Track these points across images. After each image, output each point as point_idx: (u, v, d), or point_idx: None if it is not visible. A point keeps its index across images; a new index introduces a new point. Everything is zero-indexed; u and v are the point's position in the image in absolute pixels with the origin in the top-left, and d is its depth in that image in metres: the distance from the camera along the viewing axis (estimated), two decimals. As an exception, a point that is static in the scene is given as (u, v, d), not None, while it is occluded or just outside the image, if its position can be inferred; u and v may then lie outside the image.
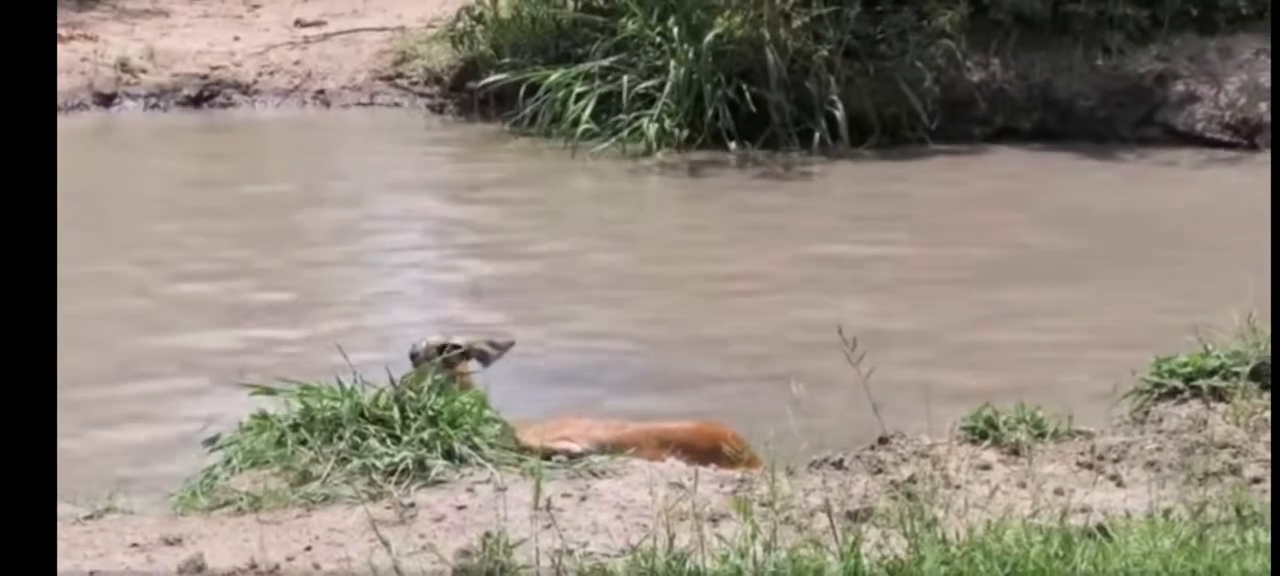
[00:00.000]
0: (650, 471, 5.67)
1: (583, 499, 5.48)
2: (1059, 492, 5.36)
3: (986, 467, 5.72)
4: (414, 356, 6.57)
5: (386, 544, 4.94)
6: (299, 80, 15.59)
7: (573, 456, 5.83)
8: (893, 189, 12.65)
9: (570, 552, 4.90)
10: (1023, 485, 5.51)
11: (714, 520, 5.21)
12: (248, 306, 9.78)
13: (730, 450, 6.09)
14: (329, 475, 5.58)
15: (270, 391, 6.02)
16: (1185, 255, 10.74)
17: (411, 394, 5.87)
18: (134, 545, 5.20)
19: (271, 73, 15.68)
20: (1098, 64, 14.08)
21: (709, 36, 13.51)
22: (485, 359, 6.70)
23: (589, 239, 11.42)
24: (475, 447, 5.75)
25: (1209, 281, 9.49)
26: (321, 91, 15.47)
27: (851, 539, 4.80)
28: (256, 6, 17.98)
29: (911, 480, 5.48)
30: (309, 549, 5.14)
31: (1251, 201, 10.83)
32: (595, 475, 5.68)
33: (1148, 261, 10.66)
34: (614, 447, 5.99)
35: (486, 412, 5.98)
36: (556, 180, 12.99)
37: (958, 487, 5.47)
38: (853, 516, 5.21)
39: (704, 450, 6.14)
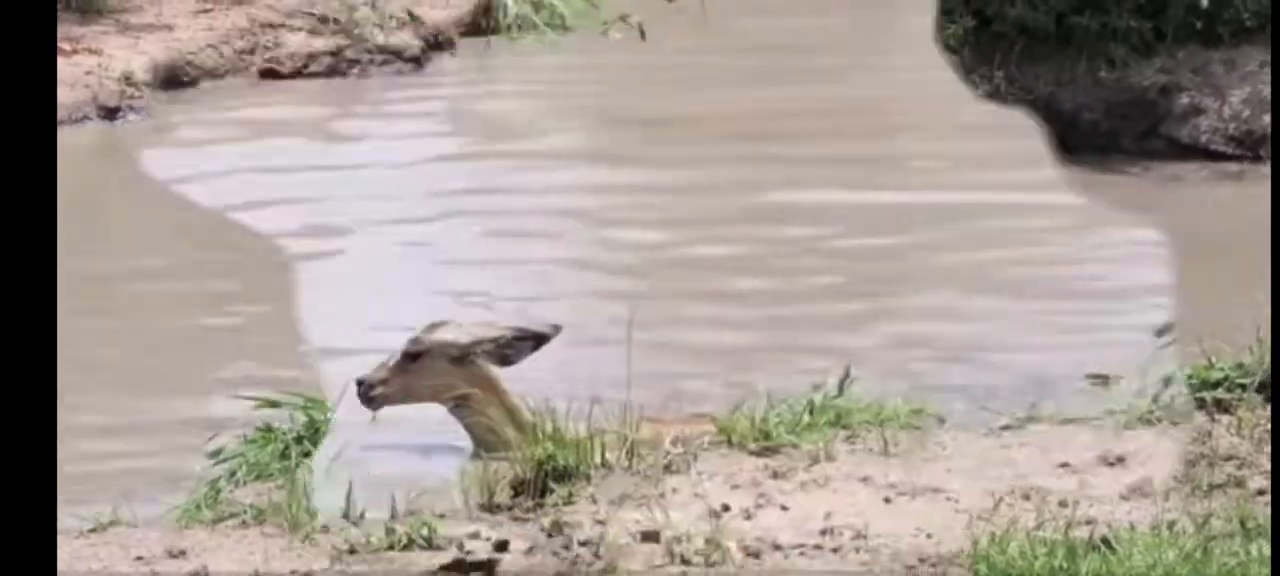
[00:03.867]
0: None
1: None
2: (1063, 504, 5.35)
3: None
4: (413, 354, 6.20)
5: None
6: (303, 93, 15.57)
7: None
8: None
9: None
10: (1027, 497, 5.50)
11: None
12: (249, 315, 9.75)
13: None
14: (332, 487, 5.57)
15: (274, 404, 6.02)
16: (1189, 267, 10.71)
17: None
18: (138, 558, 5.19)
19: (275, 85, 15.65)
20: (1101, 76, 14.05)
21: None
22: (507, 358, 6.23)
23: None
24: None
25: (1213, 294, 9.51)
26: (326, 104, 15.45)
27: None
28: (260, 19, 17.97)
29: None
30: (312, 561, 5.14)
31: (1255, 214, 10.80)
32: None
33: (1151, 274, 10.64)
34: None
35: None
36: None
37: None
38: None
39: None
